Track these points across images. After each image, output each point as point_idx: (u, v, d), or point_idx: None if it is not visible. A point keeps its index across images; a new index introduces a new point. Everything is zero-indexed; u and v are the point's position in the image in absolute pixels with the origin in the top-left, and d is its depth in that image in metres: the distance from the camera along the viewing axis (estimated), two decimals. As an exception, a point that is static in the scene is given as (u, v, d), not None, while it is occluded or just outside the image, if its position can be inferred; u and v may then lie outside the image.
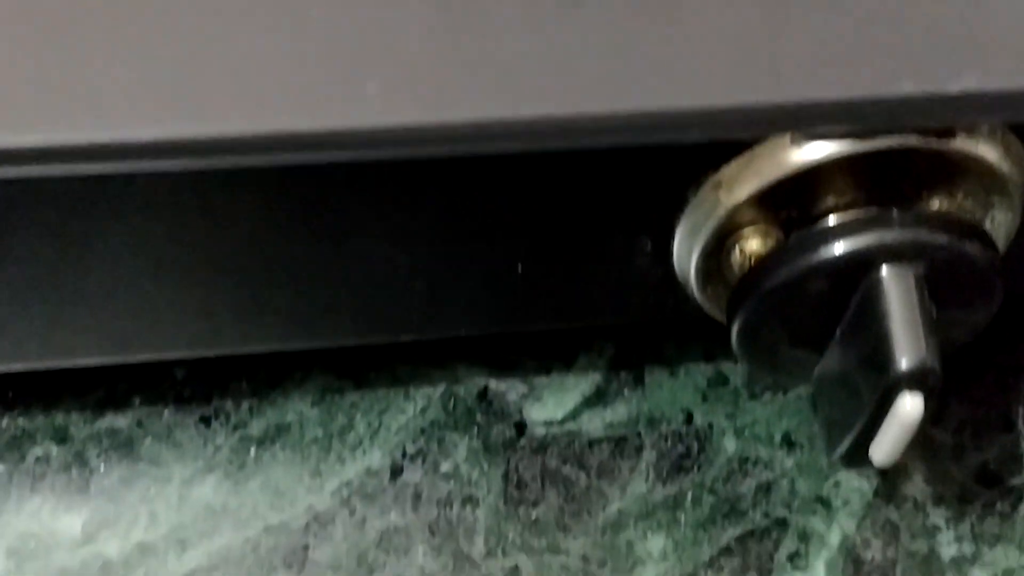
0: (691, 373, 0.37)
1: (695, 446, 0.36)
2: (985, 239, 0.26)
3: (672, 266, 0.29)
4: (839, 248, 0.26)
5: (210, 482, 0.35)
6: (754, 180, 0.26)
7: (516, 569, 0.34)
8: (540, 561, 0.34)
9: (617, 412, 0.36)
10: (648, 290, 0.30)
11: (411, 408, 0.36)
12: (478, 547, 0.35)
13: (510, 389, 0.37)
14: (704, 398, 0.36)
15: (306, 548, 0.35)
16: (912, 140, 0.25)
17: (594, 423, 0.36)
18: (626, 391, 0.37)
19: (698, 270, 0.28)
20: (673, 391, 0.37)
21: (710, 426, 0.36)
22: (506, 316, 0.32)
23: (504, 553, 0.35)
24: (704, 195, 0.27)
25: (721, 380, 0.37)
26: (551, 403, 0.36)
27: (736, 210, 0.27)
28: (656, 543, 0.35)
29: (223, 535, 0.35)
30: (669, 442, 0.36)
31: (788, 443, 0.36)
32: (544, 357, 0.37)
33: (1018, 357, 0.37)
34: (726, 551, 0.35)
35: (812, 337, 0.28)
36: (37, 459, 0.36)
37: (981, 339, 0.35)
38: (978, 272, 0.26)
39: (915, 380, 0.25)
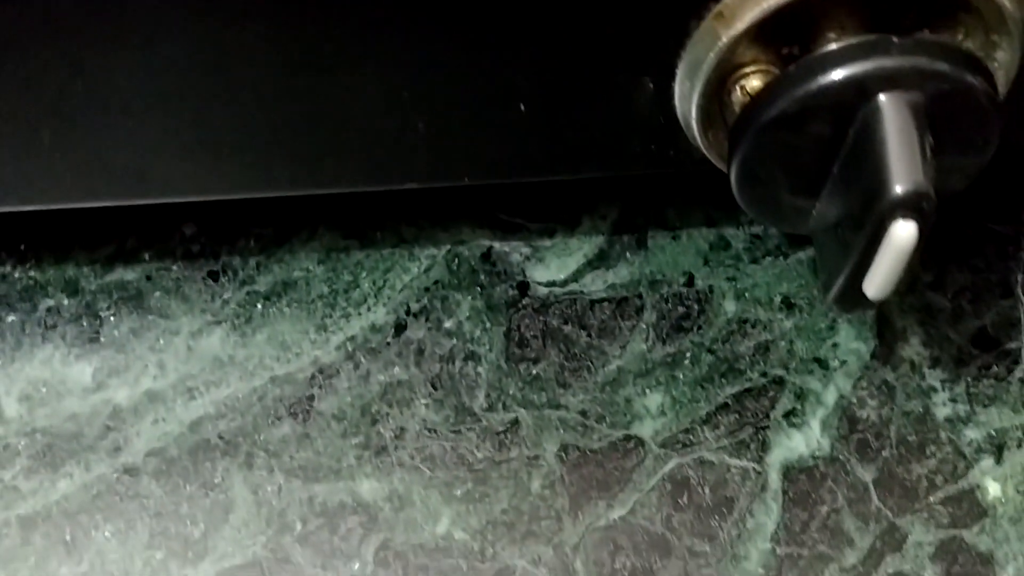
0: (693, 237, 0.37)
1: (695, 307, 0.36)
2: (986, 73, 0.26)
3: (674, 109, 0.30)
4: (837, 75, 0.26)
5: (217, 334, 0.36)
6: (754, 9, 0.26)
7: (516, 422, 0.35)
8: (539, 415, 0.35)
9: (619, 274, 0.37)
10: (650, 137, 0.31)
11: (415, 268, 0.37)
12: (479, 401, 0.35)
13: (513, 251, 0.37)
14: (706, 261, 0.37)
15: (311, 399, 0.35)
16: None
17: (596, 284, 0.37)
18: (628, 254, 0.37)
19: (699, 110, 0.28)
20: (675, 254, 0.37)
21: (711, 288, 0.36)
22: (508, 164, 0.32)
23: (504, 407, 0.35)
24: (705, 28, 0.27)
25: (723, 244, 0.37)
26: (554, 264, 0.37)
27: (736, 43, 0.27)
28: (654, 400, 0.35)
29: (230, 385, 0.35)
30: (670, 303, 0.36)
31: (788, 305, 0.36)
32: (548, 220, 0.37)
33: (1017, 226, 0.37)
34: (723, 408, 0.35)
35: (810, 176, 0.28)
36: (49, 310, 0.36)
37: (981, 208, 0.36)
38: (977, 106, 0.26)
39: (909, 205, 0.25)
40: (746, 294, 0.36)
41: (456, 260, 0.37)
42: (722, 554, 0.33)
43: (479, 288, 0.37)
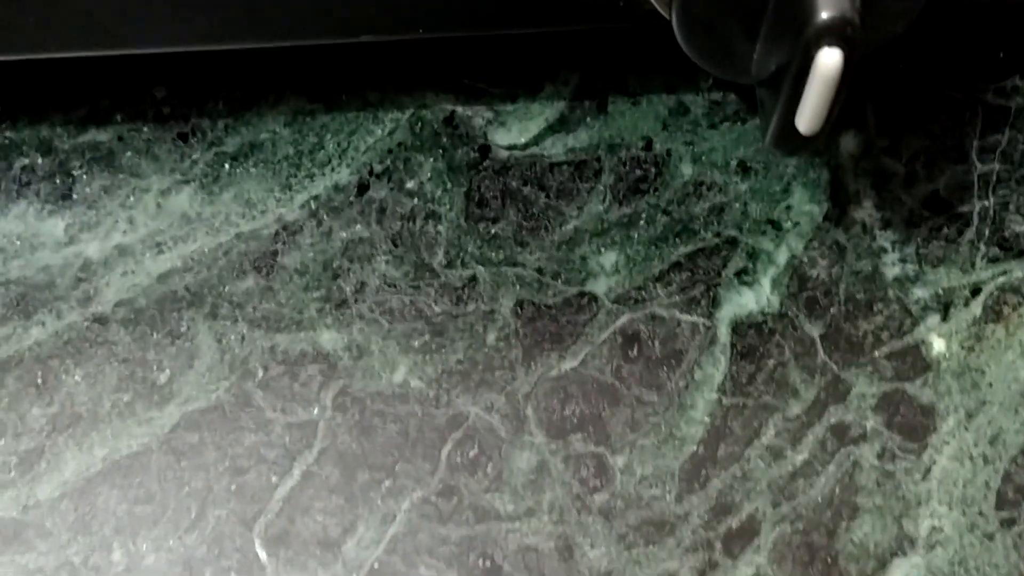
0: (653, 103, 0.38)
1: (652, 170, 0.37)
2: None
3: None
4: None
5: (186, 192, 0.37)
6: None
7: (473, 278, 0.36)
8: (497, 272, 0.36)
9: (579, 138, 0.37)
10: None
11: (379, 130, 0.38)
12: (438, 258, 0.36)
13: (476, 115, 0.38)
14: (664, 126, 0.37)
15: (275, 254, 0.36)
16: None
17: (556, 148, 0.37)
18: (588, 119, 0.38)
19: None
20: (634, 119, 0.38)
21: (668, 152, 0.37)
22: (460, 15, 0.32)
23: (463, 264, 0.36)
24: None
25: (682, 110, 0.38)
26: (515, 128, 0.38)
27: None
28: (609, 258, 0.36)
29: (197, 240, 0.36)
30: (627, 166, 0.37)
31: (743, 168, 0.37)
32: (510, 85, 0.38)
33: (973, 92, 0.37)
34: (675, 266, 0.36)
35: (748, 18, 0.29)
36: (23, 168, 0.37)
37: (937, 75, 0.36)
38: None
39: (834, 31, 0.26)
40: (703, 158, 0.37)
41: (419, 123, 0.38)
42: (669, 403, 0.34)
43: (441, 151, 0.37)
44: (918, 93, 0.37)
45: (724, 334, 0.35)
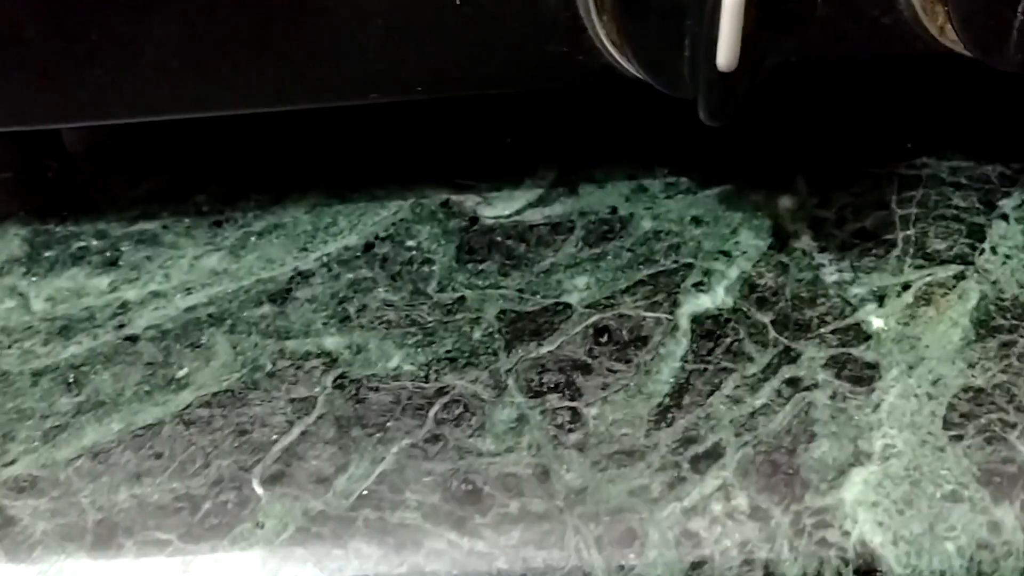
0: (617, 186, 0.45)
1: (618, 226, 0.43)
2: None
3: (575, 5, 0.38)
4: None
5: (216, 256, 0.43)
6: None
7: (462, 299, 0.41)
8: (482, 294, 0.41)
9: (555, 209, 0.44)
10: (559, 38, 0.39)
11: (385, 211, 0.44)
12: (432, 286, 0.41)
13: (467, 200, 0.45)
14: (627, 199, 0.44)
15: (289, 290, 0.42)
16: None
17: (535, 216, 0.44)
18: (563, 198, 0.44)
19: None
20: (601, 196, 0.44)
21: (631, 214, 0.43)
22: (435, 79, 0.40)
23: (453, 289, 0.41)
24: None
25: (642, 189, 0.44)
26: (501, 205, 0.44)
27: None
28: (581, 280, 0.41)
29: (222, 285, 0.42)
30: (596, 224, 0.43)
31: (696, 221, 0.43)
32: (497, 179, 0.45)
33: (888, 167, 0.44)
34: (640, 283, 0.41)
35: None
36: (79, 247, 0.44)
37: (854, 153, 0.43)
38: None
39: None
40: (661, 216, 0.43)
41: (419, 207, 0.45)
42: (637, 371, 0.38)
43: (437, 221, 0.44)
44: (840, 168, 0.44)
45: (685, 324, 0.39)
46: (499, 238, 0.43)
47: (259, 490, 0.35)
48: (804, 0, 0.35)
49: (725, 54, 0.34)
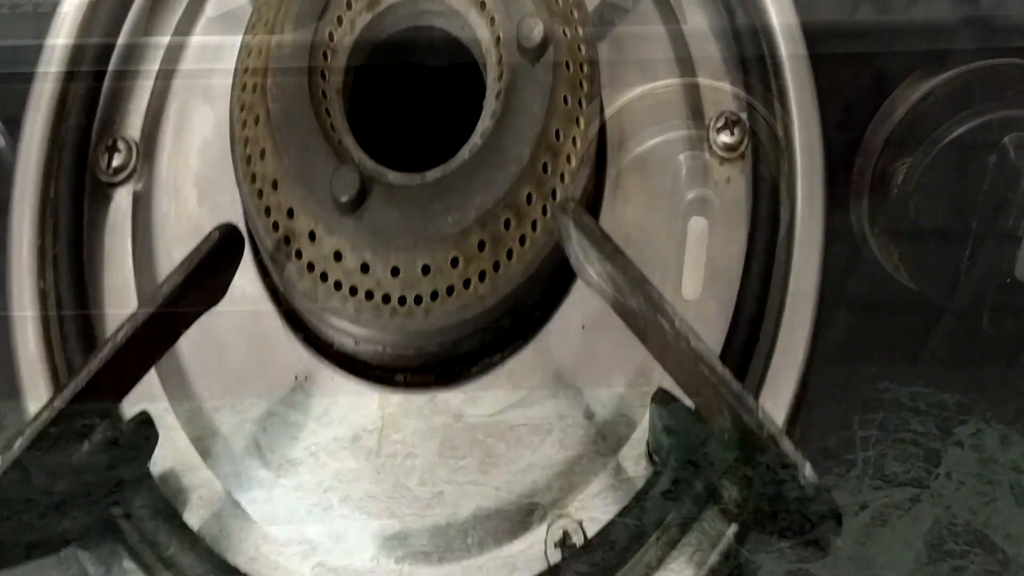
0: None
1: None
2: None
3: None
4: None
5: (211, 438, 0.45)
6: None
7: (441, 494, 0.43)
8: (461, 490, 0.43)
9: (536, 411, 0.46)
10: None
11: (374, 406, 0.47)
12: (413, 480, 0.43)
13: (454, 397, 0.47)
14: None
15: (277, 477, 0.44)
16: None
17: (517, 416, 0.46)
18: (543, 400, 0.47)
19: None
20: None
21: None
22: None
23: (433, 484, 0.43)
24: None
25: (619, 396, 0.47)
26: (486, 403, 0.47)
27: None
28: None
29: (214, 467, 0.44)
30: (576, 429, 0.46)
31: (668, 431, 0.45)
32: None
33: (851, 389, 0.47)
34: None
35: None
36: None
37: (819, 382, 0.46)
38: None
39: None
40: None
41: (407, 402, 0.47)
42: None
43: (423, 417, 0.46)
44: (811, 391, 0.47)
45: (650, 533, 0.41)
46: (480, 436, 0.45)
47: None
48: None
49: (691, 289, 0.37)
